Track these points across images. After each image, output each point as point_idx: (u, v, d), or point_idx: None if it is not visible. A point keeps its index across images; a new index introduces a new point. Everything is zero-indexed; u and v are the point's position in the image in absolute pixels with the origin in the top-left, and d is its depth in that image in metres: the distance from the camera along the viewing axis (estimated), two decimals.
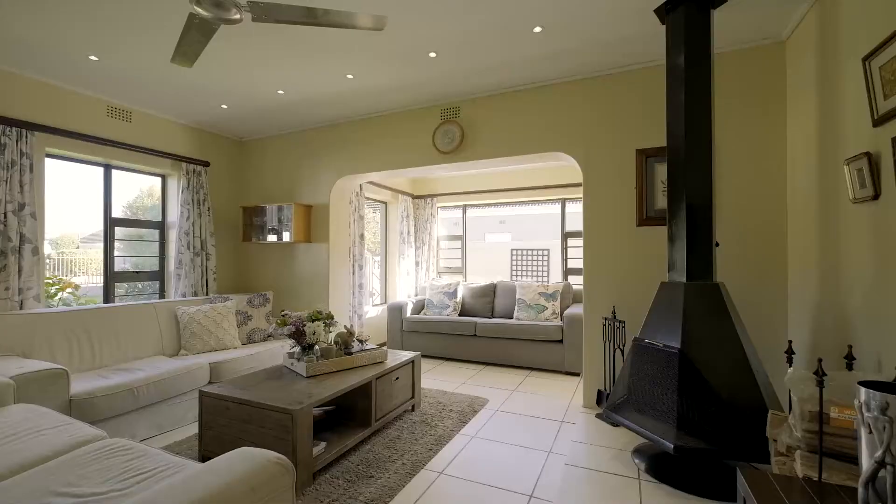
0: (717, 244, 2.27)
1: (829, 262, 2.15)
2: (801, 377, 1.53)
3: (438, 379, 4.17)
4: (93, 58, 2.94)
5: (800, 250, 2.55)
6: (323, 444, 2.38)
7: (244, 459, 1.35)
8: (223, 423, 2.35)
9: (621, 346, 2.97)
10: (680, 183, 2.30)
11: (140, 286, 4.17)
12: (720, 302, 2.15)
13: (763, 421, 1.93)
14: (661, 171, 3.01)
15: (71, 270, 4.45)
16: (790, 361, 1.82)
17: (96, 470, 1.54)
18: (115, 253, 3.88)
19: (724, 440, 1.95)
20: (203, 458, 2.42)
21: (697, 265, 2.23)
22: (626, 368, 2.44)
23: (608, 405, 2.45)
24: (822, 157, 2.23)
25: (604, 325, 3.10)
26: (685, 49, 2.30)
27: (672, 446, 1.94)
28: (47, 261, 3.77)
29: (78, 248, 4.53)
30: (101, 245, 3.80)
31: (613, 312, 3.00)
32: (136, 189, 4.33)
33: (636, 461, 2.37)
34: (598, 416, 3.01)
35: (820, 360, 1.45)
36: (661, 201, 3.00)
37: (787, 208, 2.73)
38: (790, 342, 1.87)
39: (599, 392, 3.12)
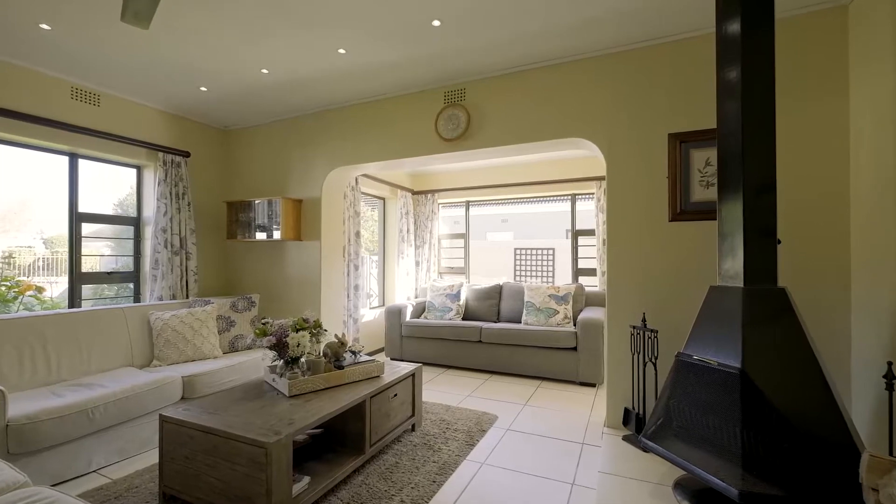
0: (779, 241, 1.89)
1: None
2: None
3: (441, 391, 3.78)
4: (44, 27, 2.55)
5: (869, 244, 2.16)
6: (306, 480, 2.00)
7: None
8: (187, 454, 1.97)
9: (653, 359, 2.58)
10: (735, 171, 1.91)
11: (131, 287, 3.79)
12: (788, 311, 1.77)
13: (849, 460, 1.56)
14: (698, 159, 2.62)
15: (66, 270, 4.10)
16: (890, 388, 1.44)
17: None
18: (84, 252, 3.50)
19: (801, 484, 1.57)
20: (163, 496, 2.03)
21: (757, 267, 1.85)
22: (666, 389, 2.05)
23: (645, 433, 2.06)
24: None
25: (631, 334, 2.71)
26: (742, 12, 1.91)
27: (737, 493, 1.56)
28: (11, 260, 3.38)
29: None
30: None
31: (644, 320, 2.62)
32: (126, 187, 3.94)
33: (678, 498, 1.99)
34: (625, 438, 2.63)
35: None
36: (699, 192, 2.61)
37: (849, 195, 2.34)
38: (889, 364, 1.48)
39: (627, 411, 2.74)
